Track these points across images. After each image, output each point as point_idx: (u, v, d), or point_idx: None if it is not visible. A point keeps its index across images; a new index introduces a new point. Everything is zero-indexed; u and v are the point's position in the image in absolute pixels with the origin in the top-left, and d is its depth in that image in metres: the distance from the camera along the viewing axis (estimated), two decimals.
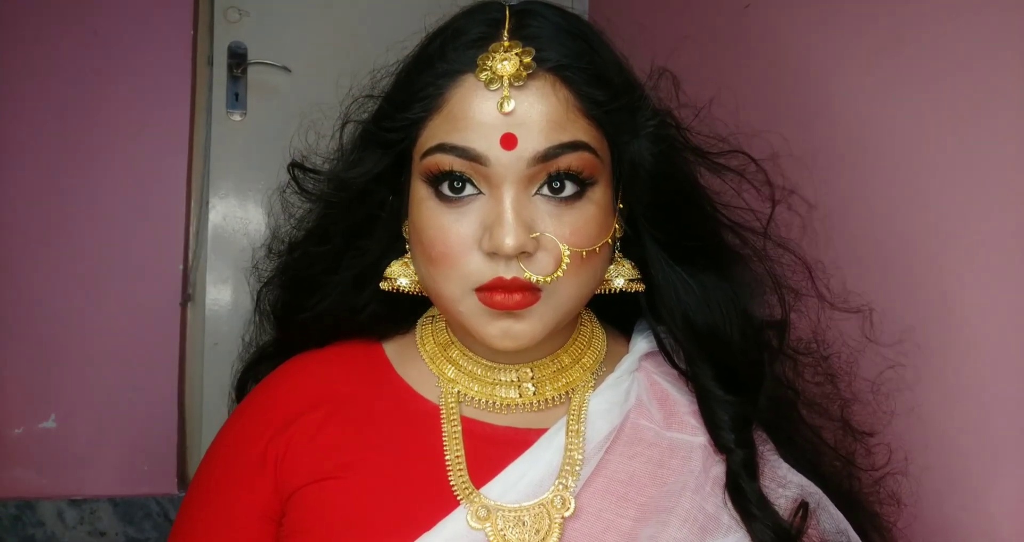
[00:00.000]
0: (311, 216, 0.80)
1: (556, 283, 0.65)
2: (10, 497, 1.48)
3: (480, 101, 0.64)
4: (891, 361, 0.89)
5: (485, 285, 0.64)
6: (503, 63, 0.64)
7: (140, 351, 1.56)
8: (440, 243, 0.65)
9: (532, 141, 0.63)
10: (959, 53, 0.83)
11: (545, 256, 0.64)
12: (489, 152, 0.63)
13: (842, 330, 0.87)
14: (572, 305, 0.68)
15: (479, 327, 0.66)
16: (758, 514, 0.68)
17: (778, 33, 1.15)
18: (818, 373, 0.81)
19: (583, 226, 0.66)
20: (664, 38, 1.47)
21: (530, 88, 0.64)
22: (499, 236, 0.62)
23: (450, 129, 0.65)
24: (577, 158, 0.65)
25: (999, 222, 0.79)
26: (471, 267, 0.65)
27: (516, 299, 0.64)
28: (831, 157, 1.01)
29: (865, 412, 0.87)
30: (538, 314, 0.65)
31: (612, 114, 0.67)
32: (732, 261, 0.75)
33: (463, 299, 0.66)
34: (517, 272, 0.64)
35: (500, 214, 0.63)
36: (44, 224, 1.52)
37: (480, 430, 0.71)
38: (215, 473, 0.74)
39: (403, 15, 1.72)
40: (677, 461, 0.71)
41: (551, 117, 0.64)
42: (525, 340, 0.65)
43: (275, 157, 1.66)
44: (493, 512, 0.66)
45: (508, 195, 0.64)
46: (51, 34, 1.53)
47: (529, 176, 0.64)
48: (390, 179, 0.73)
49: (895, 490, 0.84)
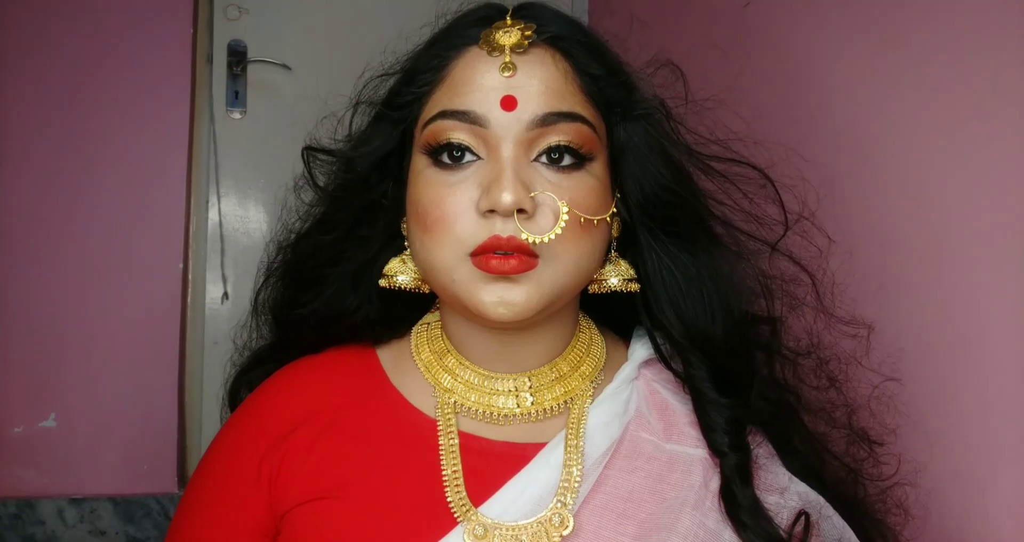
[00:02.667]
0: (318, 207, 0.80)
1: (554, 248, 0.64)
2: (10, 496, 1.48)
3: (482, 67, 0.66)
4: (891, 367, 0.89)
5: (480, 246, 0.64)
6: (505, 34, 0.66)
7: (140, 350, 1.55)
8: (436, 208, 0.65)
9: (531, 104, 0.65)
10: (959, 53, 0.83)
11: (545, 214, 0.64)
12: (490, 114, 0.65)
13: (841, 334, 0.87)
14: (569, 278, 0.67)
15: (473, 294, 0.65)
16: (750, 522, 0.67)
17: (778, 33, 1.15)
18: (819, 378, 0.81)
19: (582, 196, 0.66)
20: (663, 37, 1.47)
21: (531, 55, 0.67)
22: (497, 192, 0.63)
23: (452, 95, 0.67)
24: (575, 129, 0.66)
25: (999, 222, 0.78)
26: (467, 230, 0.64)
27: (512, 264, 0.63)
28: (830, 157, 1.01)
29: (872, 420, 0.87)
30: (535, 280, 0.64)
31: (607, 91, 0.69)
32: (716, 250, 0.75)
33: (458, 266, 0.65)
34: (514, 231, 0.63)
35: (499, 172, 0.64)
36: (43, 223, 1.51)
37: (477, 445, 0.70)
38: (208, 487, 0.74)
39: (403, 12, 1.72)
40: (677, 476, 0.70)
41: (550, 85, 0.66)
42: (519, 308, 0.64)
43: (275, 155, 1.67)
44: (491, 531, 0.65)
45: (507, 154, 0.64)
46: (50, 32, 1.52)
47: (528, 140, 0.65)
48: (395, 166, 0.73)
49: (902, 500, 0.83)
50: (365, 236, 0.75)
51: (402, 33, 0.76)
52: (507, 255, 0.63)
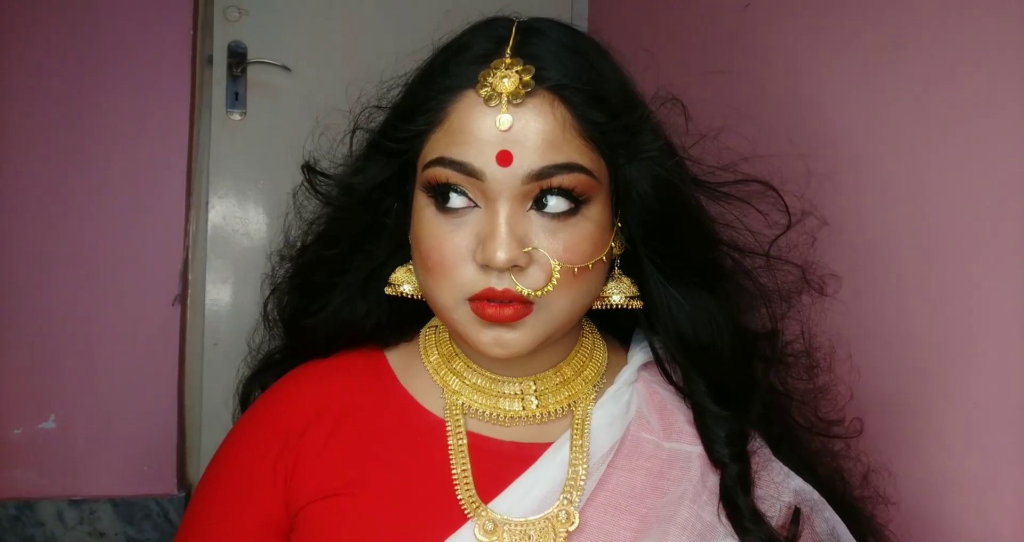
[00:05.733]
0: (321, 220, 0.81)
1: (548, 297, 0.66)
2: (10, 497, 1.48)
3: (479, 117, 0.65)
4: (891, 366, 0.89)
5: (476, 294, 0.65)
6: (503, 80, 0.64)
7: (140, 351, 1.55)
8: (436, 252, 0.66)
9: (527, 159, 0.64)
10: (958, 53, 0.83)
11: (537, 270, 0.65)
12: (485, 168, 0.64)
13: (837, 323, 0.87)
14: (564, 319, 0.68)
15: (471, 335, 0.67)
16: (752, 528, 0.69)
17: (777, 32, 1.15)
18: (803, 369, 0.82)
19: (576, 243, 0.66)
20: (663, 37, 1.47)
21: (528, 106, 0.65)
22: (491, 249, 0.63)
23: (450, 143, 0.66)
24: (571, 179, 0.65)
25: (998, 221, 0.79)
26: (465, 278, 0.66)
27: (507, 313, 0.65)
28: (829, 156, 1.01)
29: (873, 421, 0.88)
30: (529, 325, 0.66)
31: (609, 135, 0.67)
32: (725, 280, 0.75)
33: (456, 308, 0.67)
34: (509, 285, 0.65)
35: (494, 228, 0.64)
36: (43, 223, 1.51)
37: (485, 445, 0.72)
38: (222, 485, 0.75)
39: (403, 14, 1.73)
40: (676, 471, 0.72)
41: (547, 136, 0.65)
42: (516, 349, 0.66)
43: (275, 156, 1.67)
44: (500, 526, 0.68)
45: (503, 210, 0.64)
46: (51, 33, 1.52)
47: (524, 192, 0.65)
48: (396, 187, 0.73)
49: (880, 487, 0.85)
50: (370, 250, 0.76)
51: (403, 34, 0.76)
52: (503, 304, 0.65)
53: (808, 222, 0.86)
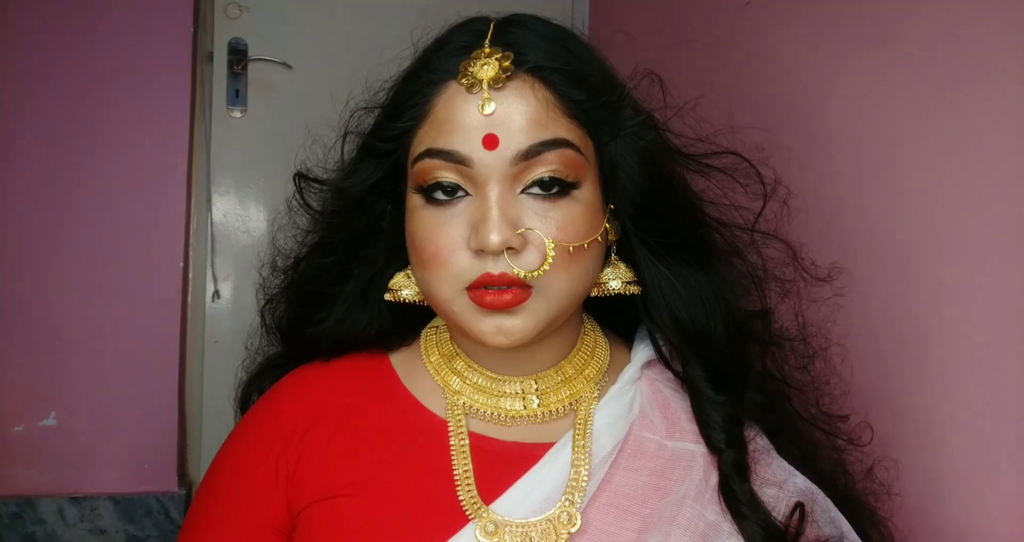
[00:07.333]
0: (316, 229, 0.81)
1: (545, 279, 0.66)
2: (11, 495, 1.48)
3: (462, 105, 0.66)
4: (890, 366, 0.89)
5: (474, 282, 0.65)
6: (483, 67, 0.66)
7: (141, 349, 1.55)
8: (431, 244, 0.67)
9: (513, 140, 0.65)
10: (958, 52, 0.83)
11: (532, 251, 0.65)
12: (473, 154, 0.65)
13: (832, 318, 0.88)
14: (564, 302, 0.68)
15: (472, 325, 0.67)
16: (749, 514, 0.69)
17: (777, 32, 1.15)
18: (800, 356, 0.82)
19: (569, 223, 0.66)
20: (663, 37, 1.47)
21: (510, 89, 0.66)
22: (484, 233, 0.64)
23: (436, 134, 0.67)
24: (560, 155, 0.66)
25: (998, 220, 0.79)
26: (461, 266, 0.66)
27: (506, 298, 0.65)
28: (828, 156, 1.01)
29: (872, 420, 0.87)
30: (530, 310, 0.66)
31: (592, 113, 0.68)
32: (715, 258, 0.76)
33: (455, 299, 0.67)
34: (505, 268, 0.65)
35: (485, 212, 0.65)
36: (44, 222, 1.51)
37: (487, 446, 0.72)
38: (224, 485, 0.75)
39: (402, 11, 1.72)
40: (679, 471, 0.72)
41: (531, 116, 0.66)
42: (518, 336, 0.66)
43: (275, 154, 1.66)
44: (501, 528, 0.67)
45: (493, 193, 0.65)
46: (51, 31, 1.52)
47: (513, 175, 0.65)
48: (389, 189, 0.74)
49: (884, 479, 0.85)
50: (368, 256, 0.76)
51: (402, 31, 0.76)
52: (501, 290, 0.65)
53: (794, 205, 0.85)
